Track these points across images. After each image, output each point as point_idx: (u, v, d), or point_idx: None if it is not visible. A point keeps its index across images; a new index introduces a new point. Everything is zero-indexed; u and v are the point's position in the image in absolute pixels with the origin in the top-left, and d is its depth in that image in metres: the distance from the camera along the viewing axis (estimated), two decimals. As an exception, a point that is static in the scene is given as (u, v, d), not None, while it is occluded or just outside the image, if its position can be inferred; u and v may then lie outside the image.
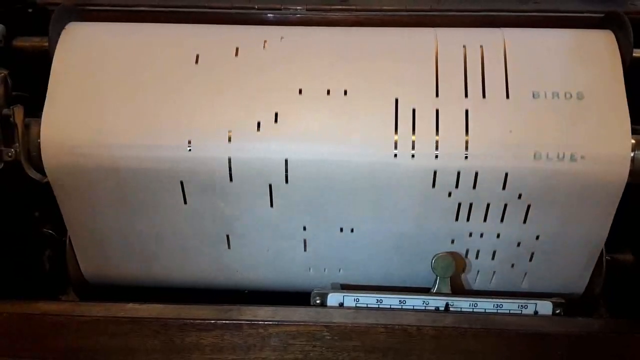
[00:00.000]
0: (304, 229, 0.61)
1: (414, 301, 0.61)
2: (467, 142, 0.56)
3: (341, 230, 0.61)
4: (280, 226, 0.61)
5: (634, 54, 0.59)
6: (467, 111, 0.57)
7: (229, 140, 0.57)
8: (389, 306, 0.61)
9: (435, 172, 0.57)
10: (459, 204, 0.58)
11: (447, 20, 0.64)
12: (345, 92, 0.58)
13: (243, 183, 0.58)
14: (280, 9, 0.66)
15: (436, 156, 0.56)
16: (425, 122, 0.57)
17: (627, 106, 0.57)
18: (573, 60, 0.59)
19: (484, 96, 0.57)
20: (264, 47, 0.60)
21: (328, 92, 0.58)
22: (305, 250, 0.63)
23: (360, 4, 0.66)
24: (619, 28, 0.59)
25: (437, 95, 0.57)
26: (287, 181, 0.58)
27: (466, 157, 0.56)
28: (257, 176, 0.58)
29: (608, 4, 0.65)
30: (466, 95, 0.57)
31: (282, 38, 0.60)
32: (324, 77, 0.58)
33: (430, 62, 0.58)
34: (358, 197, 0.59)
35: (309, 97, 0.58)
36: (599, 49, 0.59)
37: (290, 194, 0.59)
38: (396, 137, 0.57)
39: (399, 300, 0.61)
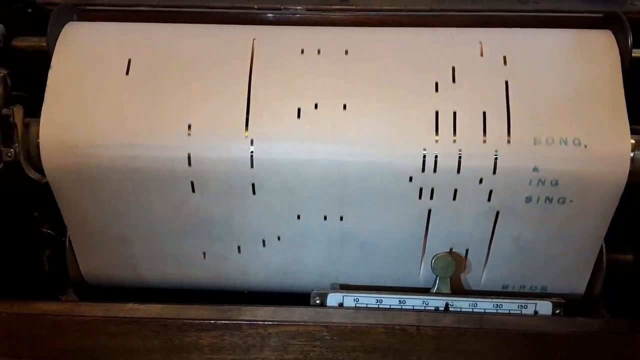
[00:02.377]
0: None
1: (414, 301, 0.61)
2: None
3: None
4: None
5: (633, 54, 0.59)
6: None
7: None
8: (388, 306, 0.61)
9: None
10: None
11: (447, 20, 0.64)
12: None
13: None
14: (280, 9, 0.66)
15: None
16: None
17: (626, 106, 0.57)
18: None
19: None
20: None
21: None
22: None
23: (360, 4, 0.66)
24: (618, 28, 0.59)
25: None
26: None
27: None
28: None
29: (608, 4, 0.65)
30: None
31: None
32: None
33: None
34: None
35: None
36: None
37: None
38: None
39: (399, 300, 0.61)
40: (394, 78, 0.57)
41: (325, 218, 0.60)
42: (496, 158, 0.56)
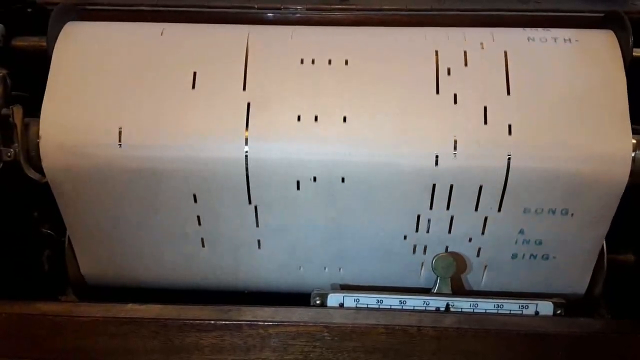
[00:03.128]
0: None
1: (415, 301, 0.61)
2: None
3: None
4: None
5: (634, 54, 0.59)
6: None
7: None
8: (389, 306, 0.61)
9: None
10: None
11: (447, 20, 0.64)
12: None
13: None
14: (280, 9, 0.66)
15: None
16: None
17: (627, 106, 0.56)
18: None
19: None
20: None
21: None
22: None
23: (360, 3, 0.66)
24: (619, 28, 0.59)
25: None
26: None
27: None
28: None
29: (609, 4, 0.65)
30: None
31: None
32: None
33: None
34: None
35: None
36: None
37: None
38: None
39: (400, 301, 0.61)
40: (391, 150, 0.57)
41: (325, 269, 0.64)
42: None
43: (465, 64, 0.58)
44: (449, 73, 0.58)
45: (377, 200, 0.58)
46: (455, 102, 0.57)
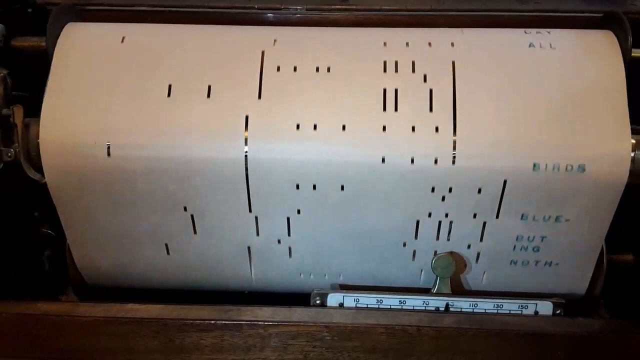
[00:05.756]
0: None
1: (414, 301, 0.61)
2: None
3: None
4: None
5: (633, 54, 0.59)
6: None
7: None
8: (389, 306, 0.61)
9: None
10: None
11: (447, 20, 0.64)
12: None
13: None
14: (280, 9, 0.66)
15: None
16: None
17: (627, 106, 0.56)
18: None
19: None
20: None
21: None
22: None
23: (360, 4, 0.66)
24: (618, 28, 0.59)
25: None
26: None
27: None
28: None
29: (608, 4, 0.65)
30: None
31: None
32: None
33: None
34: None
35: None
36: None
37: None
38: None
39: (399, 301, 0.61)
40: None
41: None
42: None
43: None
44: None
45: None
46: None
